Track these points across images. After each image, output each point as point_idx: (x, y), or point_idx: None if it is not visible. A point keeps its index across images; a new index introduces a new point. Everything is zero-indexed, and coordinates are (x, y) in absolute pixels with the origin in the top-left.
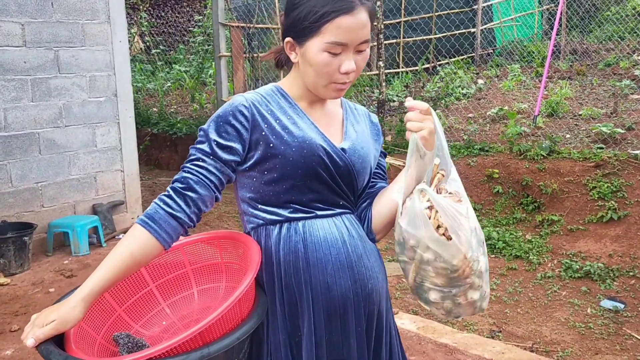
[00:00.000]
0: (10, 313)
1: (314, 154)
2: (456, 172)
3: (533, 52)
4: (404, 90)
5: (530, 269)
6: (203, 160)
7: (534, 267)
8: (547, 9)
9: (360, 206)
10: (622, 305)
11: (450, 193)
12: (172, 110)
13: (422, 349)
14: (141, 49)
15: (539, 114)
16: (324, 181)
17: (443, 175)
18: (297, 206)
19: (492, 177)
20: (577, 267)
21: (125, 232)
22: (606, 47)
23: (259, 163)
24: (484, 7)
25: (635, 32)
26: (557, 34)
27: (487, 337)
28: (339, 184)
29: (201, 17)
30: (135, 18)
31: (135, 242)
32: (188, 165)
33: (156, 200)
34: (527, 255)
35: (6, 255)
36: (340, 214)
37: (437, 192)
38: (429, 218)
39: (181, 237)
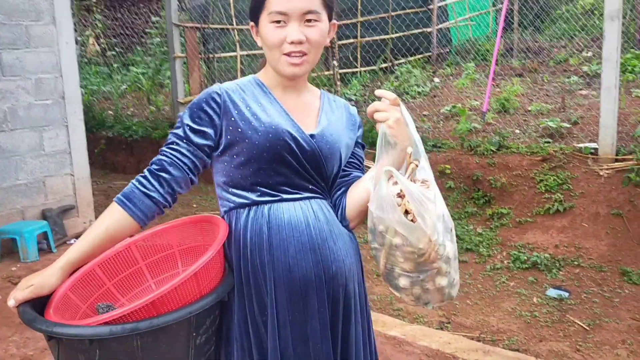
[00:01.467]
0: None
1: (280, 139)
2: (427, 161)
3: (487, 51)
4: (362, 89)
5: (480, 261)
6: (177, 144)
7: (484, 259)
8: (501, 9)
9: (335, 194)
10: (567, 294)
11: (420, 181)
12: (128, 112)
13: None
14: (97, 51)
15: (487, 110)
16: (290, 165)
17: (417, 165)
18: (264, 189)
19: (445, 173)
20: (525, 258)
21: (77, 237)
22: (557, 45)
23: (229, 147)
24: (439, 6)
25: (585, 30)
26: (506, 33)
27: (436, 328)
28: (306, 168)
29: (158, 18)
30: (90, 20)
31: (111, 219)
32: (164, 148)
33: (133, 180)
34: (478, 247)
35: None
36: (308, 198)
37: (414, 181)
38: (397, 204)
39: (172, 221)
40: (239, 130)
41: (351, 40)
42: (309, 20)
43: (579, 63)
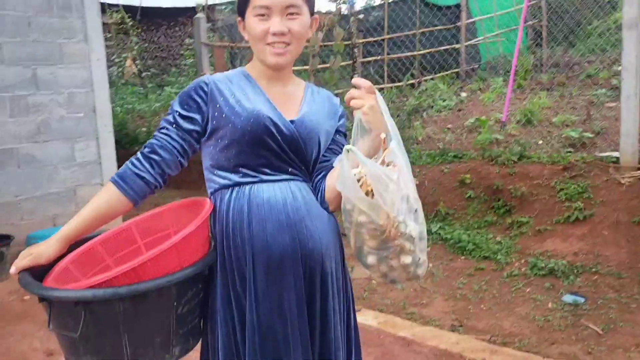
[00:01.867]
0: None
1: (260, 123)
2: (399, 146)
3: (517, 66)
4: (389, 105)
5: (497, 269)
6: (167, 129)
7: (501, 266)
8: (532, 25)
9: (315, 178)
10: (583, 300)
11: (387, 164)
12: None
13: (381, 342)
14: (134, 73)
15: (506, 121)
16: (270, 148)
17: (384, 149)
18: (246, 171)
19: (465, 183)
20: (542, 264)
21: None
22: (588, 59)
23: (214, 132)
24: (467, 23)
25: (615, 45)
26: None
27: (448, 331)
28: (286, 151)
29: (192, 40)
30: (128, 43)
31: (106, 197)
32: (156, 133)
33: (127, 162)
34: (495, 255)
35: None
36: (287, 180)
37: (384, 164)
38: (358, 182)
39: (169, 204)
40: (223, 115)
41: (378, 57)
42: (290, 14)
43: (608, 76)
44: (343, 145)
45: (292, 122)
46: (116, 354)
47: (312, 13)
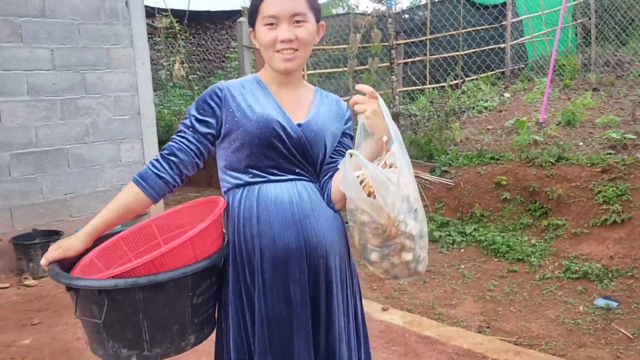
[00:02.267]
0: (34, 309)
1: (269, 127)
2: (401, 148)
3: (564, 66)
4: (429, 106)
5: (530, 271)
6: (184, 132)
7: (534, 269)
8: (581, 23)
9: (322, 179)
10: (616, 304)
11: (389, 166)
12: None
13: (405, 341)
14: (182, 75)
15: (544, 122)
16: (279, 150)
17: (387, 151)
18: (255, 171)
19: (501, 185)
20: (576, 268)
21: None
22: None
23: (227, 135)
24: (513, 22)
25: None
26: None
27: (475, 332)
28: (293, 153)
29: (237, 43)
30: (176, 46)
31: (129, 195)
32: (174, 136)
33: (148, 163)
34: (529, 258)
35: (34, 259)
36: (294, 180)
37: (386, 166)
38: (361, 184)
39: (185, 202)
40: (235, 119)
41: (419, 58)
42: (297, 21)
43: None
44: (349, 147)
45: (299, 125)
46: (136, 340)
47: (318, 20)
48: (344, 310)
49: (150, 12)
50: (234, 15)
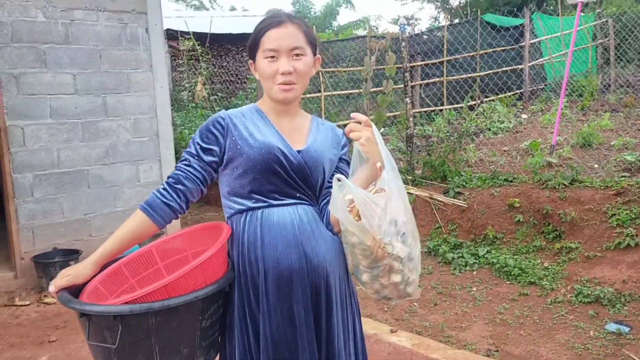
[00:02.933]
0: (52, 327)
1: (271, 153)
2: (394, 172)
3: (583, 87)
4: (446, 127)
5: (542, 295)
6: (190, 161)
7: (546, 292)
8: (601, 44)
9: (320, 203)
10: (628, 329)
11: (379, 189)
12: None
13: None
14: (204, 96)
15: (555, 144)
16: (280, 175)
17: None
18: (258, 196)
19: (514, 207)
20: (588, 292)
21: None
22: None
23: (230, 162)
24: (532, 43)
25: None
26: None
27: (482, 355)
28: (294, 178)
29: None
30: (199, 68)
31: (136, 223)
32: (179, 164)
33: (154, 191)
34: (541, 281)
35: (54, 277)
36: (295, 204)
37: (379, 191)
38: (349, 207)
39: (186, 228)
40: (238, 147)
41: (437, 79)
42: (296, 55)
43: None
44: (346, 172)
45: (299, 151)
46: None
47: (314, 53)
48: (343, 328)
49: (174, 35)
50: None
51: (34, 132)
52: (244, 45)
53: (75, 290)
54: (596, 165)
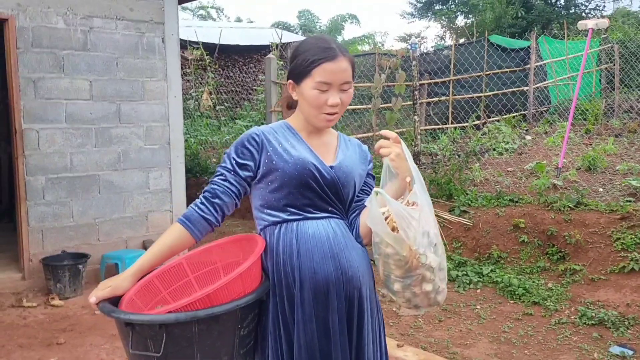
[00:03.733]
0: (60, 329)
1: (305, 169)
2: (422, 187)
3: (587, 110)
4: (451, 146)
5: (546, 315)
6: (225, 175)
7: (550, 313)
8: (606, 68)
9: (350, 216)
10: (631, 352)
11: (412, 203)
12: None
13: None
14: (210, 106)
15: (562, 167)
16: (314, 190)
17: (410, 190)
18: (293, 209)
19: (519, 227)
20: (592, 314)
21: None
22: None
23: (265, 176)
24: (537, 66)
25: None
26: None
27: None
28: (327, 193)
29: (265, 76)
30: (205, 78)
31: (174, 235)
32: (215, 179)
33: (192, 205)
34: (545, 302)
35: (62, 280)
36: (328, 217)
37: (408, 204)
38: (386, 219)
39: (216, 240)
40: (273, 162)
41: (443, 98)
42: (344, 89)
43: None
44: (372, 187)
45: (331, 167)
46: None
47: (354, 78)
48: (373, 337)
49: (182, 44)
50: (262, 49)
51: (49, 136)
52: (250, 56)
53: (112, 301)
54: (601, 189)
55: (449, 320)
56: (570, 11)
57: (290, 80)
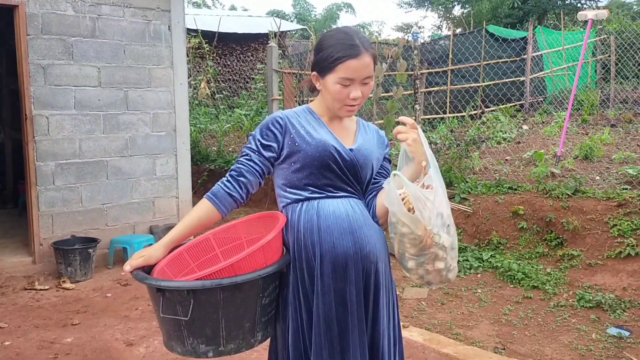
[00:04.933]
0: (73, 311)
1: (327, 151)
2: (437, 171)
3: (583, 100)
4: (449, 135)
5: (545, 298)
6: (250, 155)
7: (549, 296)
8: (601, 59)
9: (368, 197)
10: (628, 333)
11: (426, 186)
12: (230, 149)
13: (425, 357)
14: (207, 94)
15: (561, 156)
16: (334, 171)
17: (425, 174)
18: (314, 189)
19: (518, 214)
20: (590, 297)
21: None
22: None
23: (288, 157)
24: (534, 56)
25: None
26: (605, 83)
27: (491, 351)
28: (346, 174)
29: (263, 65)
30: (203, 66)
31: (202, 211)
32: (241, 159)
33: (218, 182)
34: (544, 286)
35: (73, 264)
36: (347, 196)
37: (424, 187)
38: (402, 201)
39: (241, 218)
40: (296, 144)
41: (441, 88)
42: (366, 82)
43: None
44: (389, 170)
45: (351, 150)
46: (214, 336)
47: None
48: (387, 310)
49: None
50: (260, 37)
51: (58, 122)
52: (248, 44)
53: (143, 271)
54: (598, 177)
55: (451, 304)
56: (566, 2)
57: (314, 73)
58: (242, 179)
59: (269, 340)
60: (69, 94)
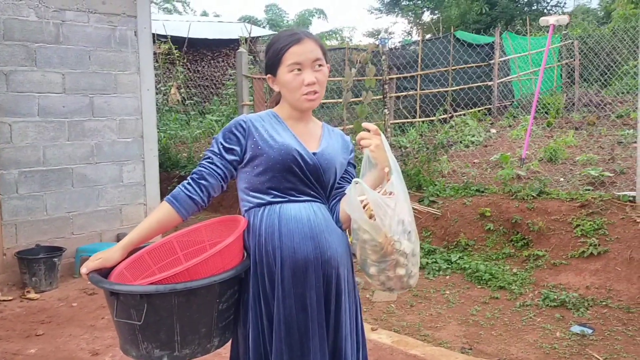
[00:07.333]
0: (38, 321)
1: (289, 154)
2: (399, 178)
3: (548, 104)
4: (419, 138)
5: (511, 298)
6: (212, 159)
7: (515, 296)
8: (566, 64)
9: (331, 201)
10: (591, 331)
11: (389, 192)
12: (201, 155)
13: (393, 359)
14: (178, 100)
15: (525, 158)
16: (297, 175)
17: (388, 180)
18: (276, 192)
19: (485, 216)
20: (555, 296)
21: None
22: (622, 99)
23: (251, 160)
24: (501, 61)
25: None
26: (570, 87)
27: (458, 352)
28: (309, 178)
29: (234, 70)
30: (174, 72)
31: (162, 214)
32: (203, 161)
33: (179, 185)
34: (511, 286)
35: (37, 274)
36: (310, 201)
37: (386, 193)
38: (364, 207)
39: (204, 221)
40: (259, 147)
41: (410, 92)
42: (318, 66)
43: None
44: (353, 175)
45: (314, 154)
46: (169, 341)
47: (327, 62)
48: (350, 316)
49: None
50: (231, 43)
51: (22, 129)
52: (219, 50)
53: (102, 274)
54: (562, 179)
55: (419, 305)
56: (533, 8)
57: (269, 75)
58: (203, 182)
59: (229, 344)
60: (33, 101)
